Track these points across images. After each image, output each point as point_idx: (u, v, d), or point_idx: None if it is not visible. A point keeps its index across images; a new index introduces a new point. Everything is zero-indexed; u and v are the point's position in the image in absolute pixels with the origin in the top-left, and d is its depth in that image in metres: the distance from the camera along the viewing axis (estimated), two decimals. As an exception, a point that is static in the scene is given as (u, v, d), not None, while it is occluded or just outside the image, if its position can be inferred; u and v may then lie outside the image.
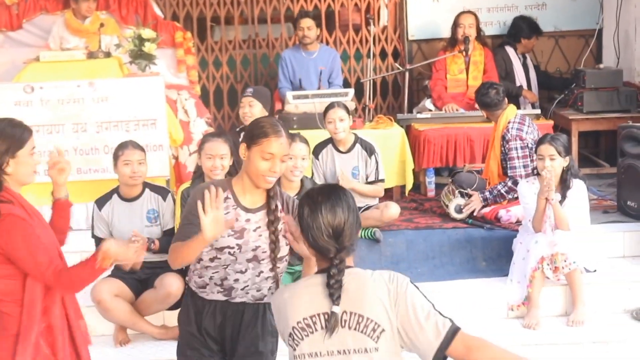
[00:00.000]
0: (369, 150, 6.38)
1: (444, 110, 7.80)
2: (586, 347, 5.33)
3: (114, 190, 5.50)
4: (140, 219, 5.39)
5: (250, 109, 6.43)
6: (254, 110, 6.40)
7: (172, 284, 5.33)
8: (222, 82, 8.92)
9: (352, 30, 9.02)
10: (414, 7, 8.84)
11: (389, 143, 7.13)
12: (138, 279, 5.47)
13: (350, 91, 7.45)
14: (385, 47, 9.00)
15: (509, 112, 6.51)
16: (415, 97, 8.79)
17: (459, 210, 6.54)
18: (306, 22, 7.94)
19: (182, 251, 3.34)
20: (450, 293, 5.86)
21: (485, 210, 6.50)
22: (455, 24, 8.06)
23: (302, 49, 8.04)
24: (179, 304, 5.47)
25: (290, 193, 5.33)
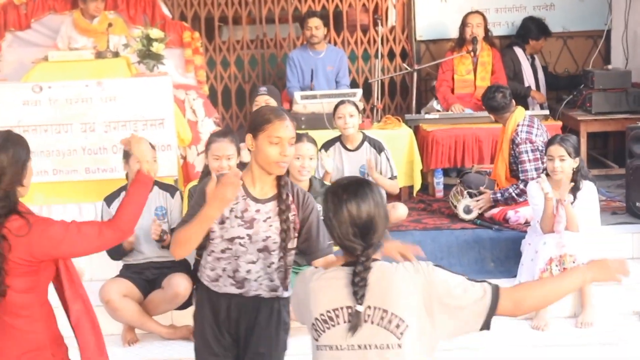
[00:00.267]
0: (378, 147, 6.36)
1: (450, 111, 7.79)
2: (595, 349, 5.31)
3: (123, 187, 5.51)
4: (148, 215, 5.37)
5: None
6: None
7: (179, 284, 5.33)
8: (230, 82, 8.93)
9: (360, 31, 9.02)
10: (421, 7, 8.85)
11: (397, 143, 7.11)
12: (146, 279, 5.48)
13: (359, 91, 7.44)
14: (393, 48, 8.99)
15: (518, 115, 6.49)
16: (423, 98, 8.79)
17: (468, 210, 6.52)
18: (314, 21, 7.94)
19: (187, 231, 3.32)
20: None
21: (494, 211, 6.48)
22: (463, 24, 8.05)
23: (309, 48, 8.04)
24: (187, 304, 5.48)
25: (298, 193, 5.36)
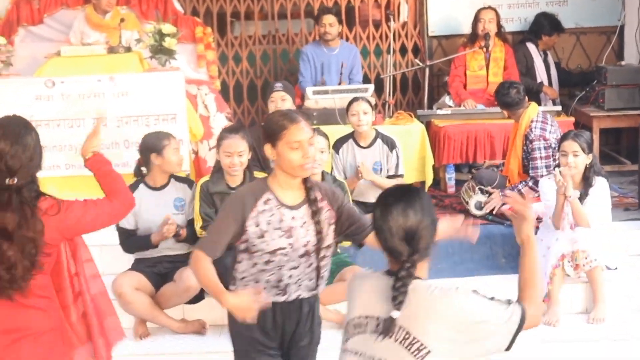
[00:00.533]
0: (390, 144, 6.36)
1: (462, 106, 7.78)
2: (606, 345, 5.29)
3: (140, 180, 5.53)
4: (167, 207, 5.42)
5: (282, 103, 6.28)
6: (286, 105, 6.26)
7: (191, 277, 5.34)
8: (241, 77, 8.94)
9: (372, 26, 9.01)
10: (434, 2, 8.81)
11: (409, 139, 7.10)
12: (158, 272, 5.49)
13: (370, 87, 7.43)
14: (405, 43, 8.98)
15: (531, 111, 6.47)
16: (435, 93, 8.76)
17: (479, 206, 6.51)
18: (328, 18, 7.93)
19: (206, 282, 3.35)
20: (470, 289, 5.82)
21: (506, 207, 6.46)
22: (475, 20, 8.03)
23: (323, 44, 8.03)
24: (198, 298, 5.50)
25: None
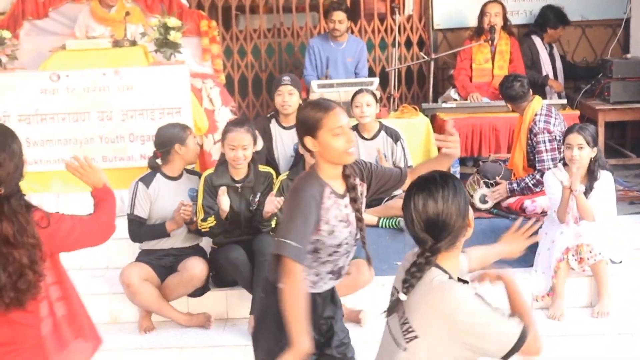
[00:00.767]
0: (394, 136, 6.36)
1: (468, 99, 7.77)
2: (611, 339, 5.30)
3: (155, 171, 5.59)
4: (183, 196, 5.49)
5: (290, 97, 6.28)
6: (293, 99, 6.28)
7: (195, 266, 5.38)
8: (246, 70, 8.94)
9: (377, 19, 9.00)
10: (439, -4, 8.82)
11: (414, 132, 7.09)
12: (165, 265, 5.52)
13: (375, 80, 7.42)
14: (410, 36, 8.97)
15: (535, 104, 6.46)
16: (441, 87, 8.76)
17: (484, 200, 6.51)
18: (338, 15, 7.92)
19: (296, 310, 3.15)
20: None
21: (511, 200, 6.46)
22: (481, 13, 8.01)
23: (330, 39, 8.02)
24: (203, 290, 5.52)
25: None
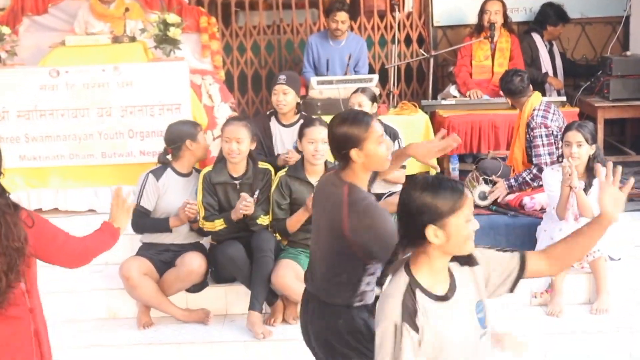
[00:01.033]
0: (393, 135, 6.35)
1: (468, 96, 7.77)
2: (610, 336, 5.30)
3: (167, 165, 5.60)
4: (190, 194, 5.51)
5: (284, 96, 6.28)
6: (288, 98, 6.28)
7: (193, 261, 5.40)
8: (246, 67, 8.93)
9: (376, 16, 8.98)
10: (438, -7, 8.81)
11: (413, 129, 7.10)
12: (164, 260, 5.52)
13: (375, 77, 7.42)
14: (410, 33, 8.95)
15: (534, 100, 6.47)
16: (440, 84, 8.76)
17: (483, 197, 6.51)
18: (341, 15, 7.89)
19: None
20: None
21: (510, 197, 6.47)
22: (481, 11, 8.01)
23: (330, 37, 8.01)
24: (201, 286, 5.53)
25: (314, 178, 5.35)
